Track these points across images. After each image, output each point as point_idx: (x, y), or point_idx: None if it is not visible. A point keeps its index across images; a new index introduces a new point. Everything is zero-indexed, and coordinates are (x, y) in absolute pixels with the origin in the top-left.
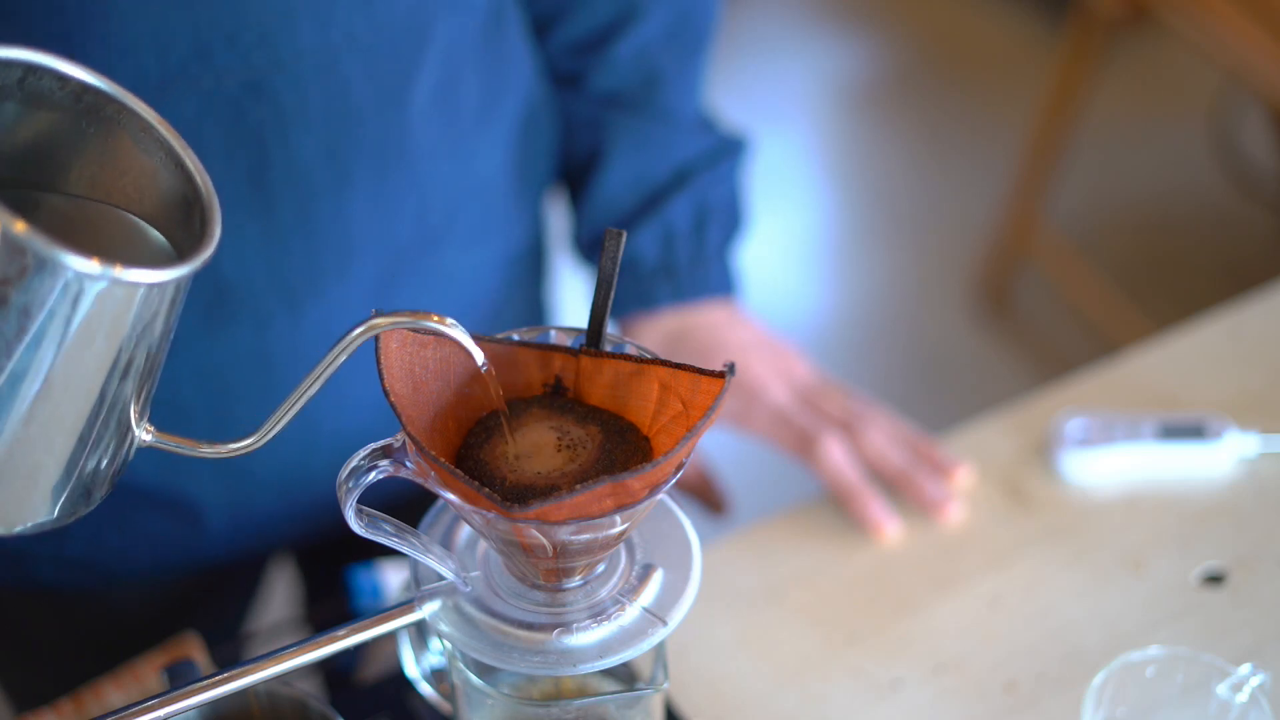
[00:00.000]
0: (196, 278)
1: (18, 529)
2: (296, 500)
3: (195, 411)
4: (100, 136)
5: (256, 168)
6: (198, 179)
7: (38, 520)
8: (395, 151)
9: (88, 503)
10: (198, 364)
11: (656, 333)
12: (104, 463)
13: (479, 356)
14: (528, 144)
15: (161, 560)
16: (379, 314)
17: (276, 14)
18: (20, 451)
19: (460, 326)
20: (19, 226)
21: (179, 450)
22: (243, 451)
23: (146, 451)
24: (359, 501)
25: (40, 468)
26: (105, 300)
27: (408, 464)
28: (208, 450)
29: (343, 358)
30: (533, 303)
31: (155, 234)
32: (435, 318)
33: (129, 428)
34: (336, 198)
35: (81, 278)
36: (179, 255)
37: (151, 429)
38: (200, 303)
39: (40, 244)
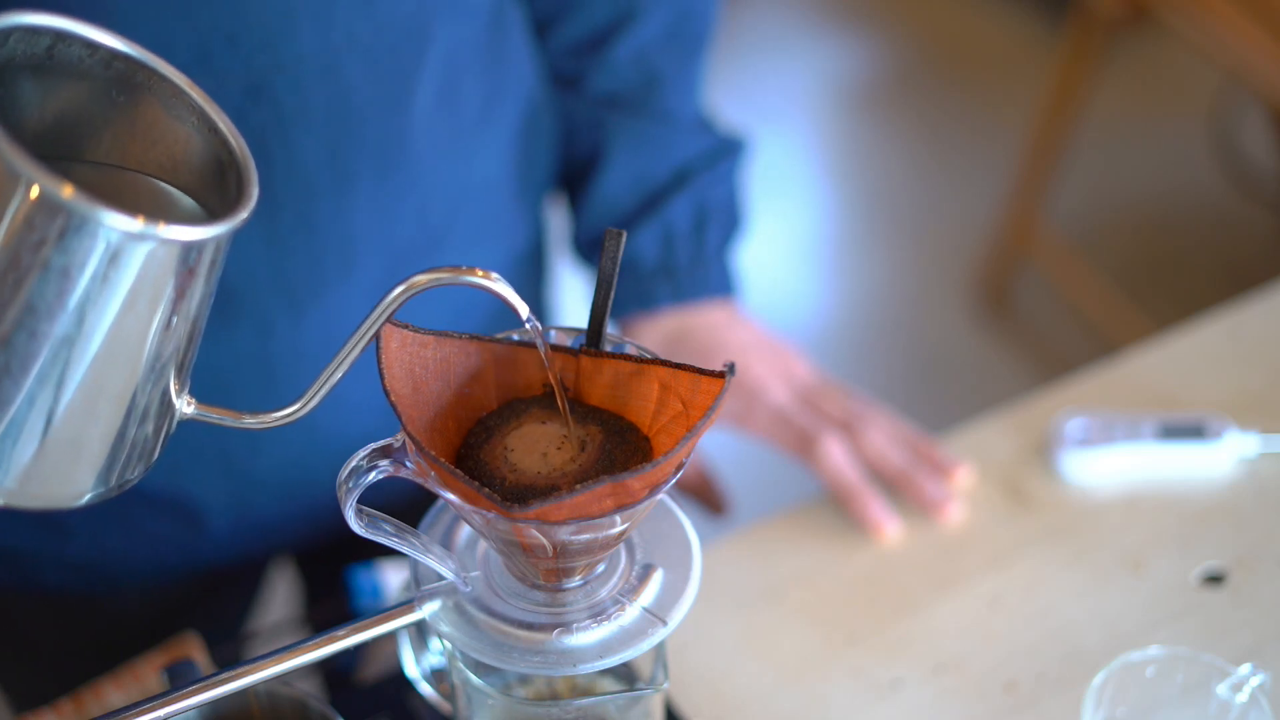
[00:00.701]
0: None
1: (68, 504)
2: (297, 502)
3: None
4: (130, 104)
5: (258, 170)
6: (232, 141)
7: (87, 494)
8: (397, 153)
9: (130, 476)
10: (200, 365)
11: (656, 333)
12: (148, 433)
13: (523, 311)
14: (529, 145)
15: (163, 562)
16: (418, 273)
17: (278, 17)
18: (66, 421)
19: (504, 281)
20: (67, 191)
21: (222, 422)
22: (288, 420)
23: (196, 423)
24: (359, 501)
25: (86, 439)
26: (149, 261)
27: (408, 464)
28: (250, 421)
29: (385, 318)
30: (534, 303)
31: (187, 200)
32: (480, 272)
33: (171, 398)
34: (338, 200)
35: (125, 237)
36: (211, 220)
37: (193, 401)
38: None
39: (84, 204)
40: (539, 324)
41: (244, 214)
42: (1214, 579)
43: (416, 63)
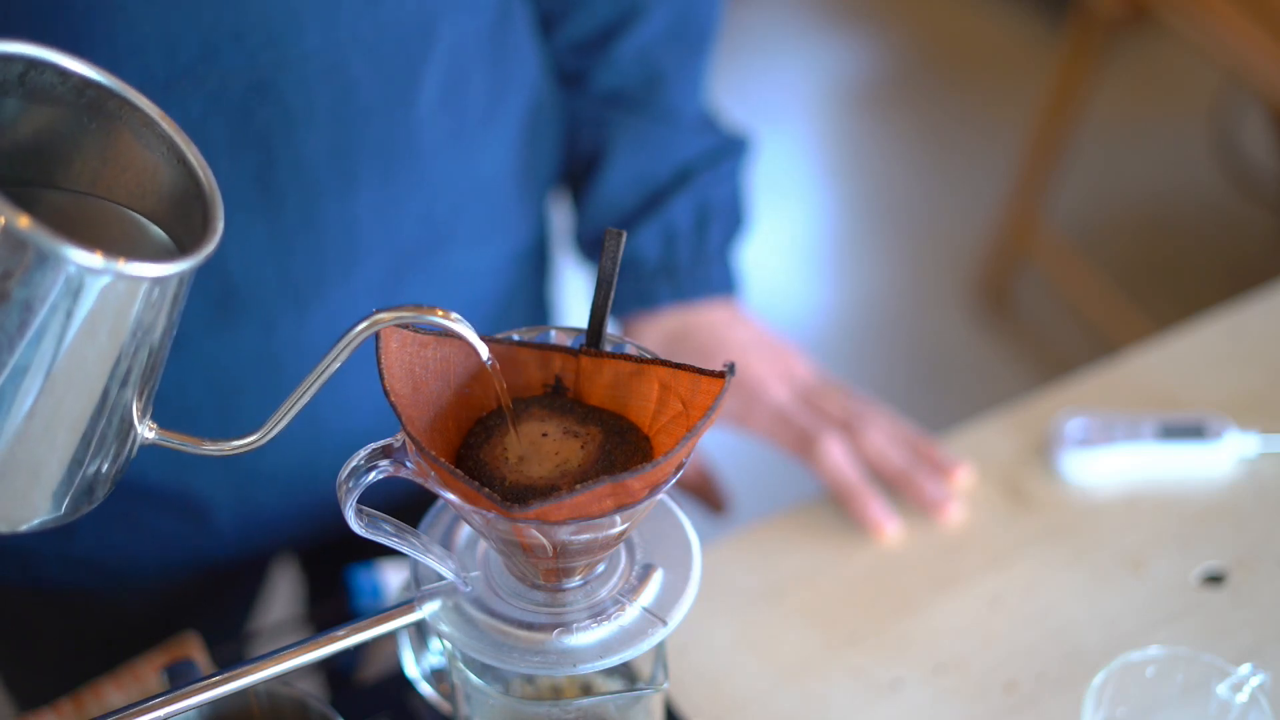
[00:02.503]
0: (203, 277)
1: (22, 527)
2: (302, 500)
3: (202, 411)
4: (101, 132)
5: (263, 167)
6: (200, 174)
7: (41, 518)
8: (402, 151)
9: (90, 500)
10: (204, 363)
11: (657, 332)
12: (107, 460)
13: (484, 352)
14: (533, 142)
15: (168, 559)
16: (381, 310)
17: (283, 14)
18: (23, 448)
19: (465, 322)
20: (22, 221)
21: (181, 448)
22: (245, 449)
23: (154, 450)
24: (359, 501)
25: (43, 465)
26: (108, 295)
27: (408, 464)
28: (210, 448)
29: (345, 354)
30: (537, 301)
31: (156, 230)
32: (440, 312)
33: (131, 425)
34: (343, 197)
35: (84, 271)
36: (181, 251)
37: (154, 426)
38: (207, 302)
39: (43, 237)
40: (498, 364)
41: (209, 248)
42: (1214, 579)
43: (421, 60)
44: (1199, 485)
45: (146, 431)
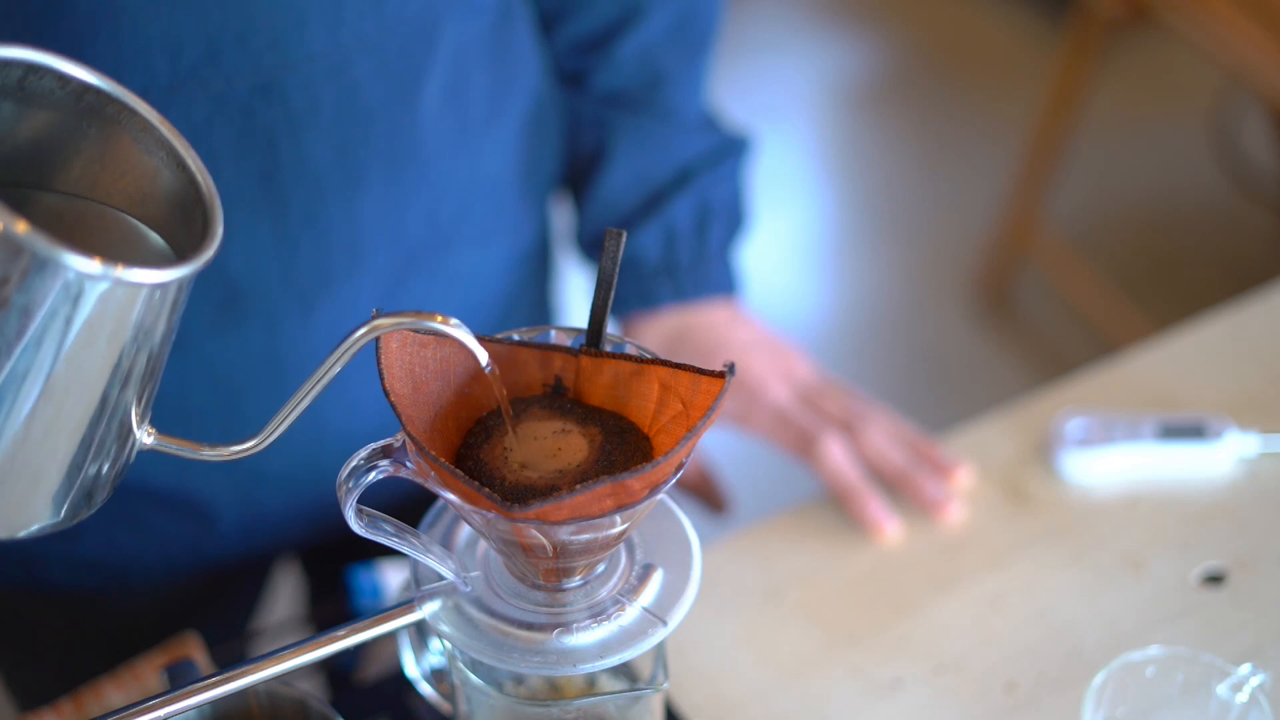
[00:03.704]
0: (206, 278)
1: (21, 533)
2: (304, 501)
3: (205, 412)
4: (100, 137)
5: (267, 169)
6: (199, 178)
7: (40, 523)
8: (405, 151)
9: (89, 506)
10: (208, 364)
11: (658, 332)
12: (105, 466)
13: (483, 357)
14: (535, 142)
15: (170, 560)
16: (381, 314)
17: (287, 16)
18: (22, 454)
19: (464, 326)
20: (20, 226)
21: (180, 453)
22: (245, 454)
23: (156, 452)
24: (359, 501)
25: (42, 471)
26: (107, 301)
27: (408, 464)
28: (209, 453)
29: (346, 359)
30: (540, 301)
31: (154, 236)
32: (439, 318)
33: (130, 430)
34: (347, 198)
35: (82, 278)
36: (179, 257)
37: (153, 431)
38: (211, 303)
39: (41, 243)
40: (497, 370)
41: (208, 254)
42: (1214, 579)
43: (425, 60)
44: (1199, 485)
45: (145, 437)
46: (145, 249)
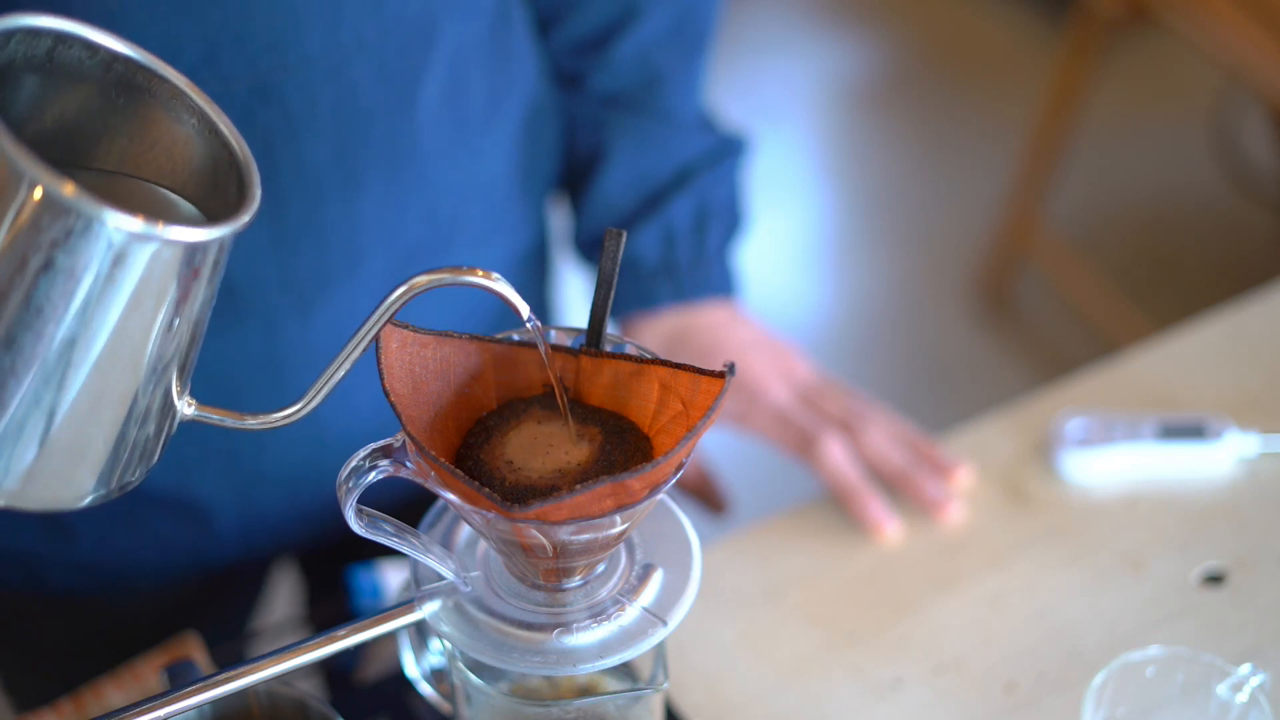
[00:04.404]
0: None
1: (75, 504)
2: (304, 502)
3: None
4: (130, 107)
5: (265, 171)
6: (233, 142)
7: (90, 495)
8: (404, 153)
9: (134, 476)
10: (207, 365)
11: (657, 332)
12: (149, 437)
13: (524, 310)
14: (533, 143)
15: (169, 562)
16: (418, 274)
17: (285, 18)
18: (69, 423)
19: (504, 280)
20: (68, 188)
21: (222, 423)
22: (289, 420)
23: (198, 424)
24: (359, 501)
25: (90, 440)
26: (152, 263)
27: (408, 464)
28: (252, 422)
29: (384, 321)
30: (538, 302)
31: (187, 205)
32: (480, 272)
33: (172, 401)
34: (345, 200)
35: (128, 237)
36: (212, 224)
37: (193, 402)
38: None
39: (87, 203)
40: (540, 324)
41: (247, 216)
42: (1214, 579)
43: (423, 62)
44: (1199, 485)
45: (186, 407)
46: (180, 218)
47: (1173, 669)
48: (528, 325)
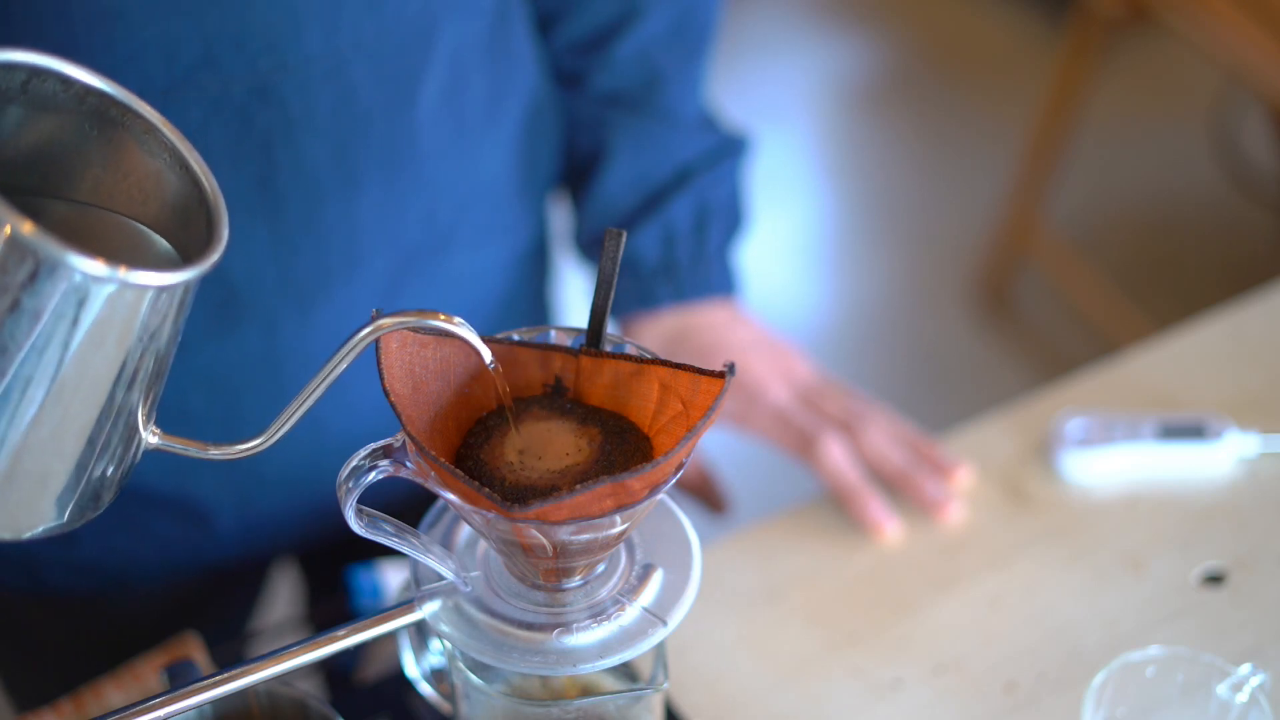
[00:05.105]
0: (205, 281)
1: (26, 534)
2: (304, 502)
3: (203, 415)
4: (104, 140)
5: (264, 172)
6: (204, 181)
7: (47, 525)
8: (403, 154)
9: (96, 507)
10: (206, 367)
11: (657, 332)
12: (111, 467)
13: (487, 355)
14: (532, 143)
15: (170, 563)
16: (383, 315)
17: (284, 19)
18: (30, 456)
19: (467, 325)
20: (27, 228)
21: (185, 452)
22: (249, 453)
23: (155, 455)
24: (359, 501)
25: (49, 472)
26: (113, 304)
27: (408, 464)
28: (215, 452)
29: (349, 359)
30: (538, 302)
31: (159, 239)
32: (442, 316)
33: (136, 431)
34: (345, 200)
35: (89, 280)
36: (184, 259)
37: (158, 431)
38: (209, 306)
39: (49, 245)
40: (500, 367)
41: (214, 257)
42: (1214, 579)
43: (422, 62)
44: (1199, 485)
45: (150, 437)
46: (151, 253)
47: (1173, 669)
48: (490, 369)
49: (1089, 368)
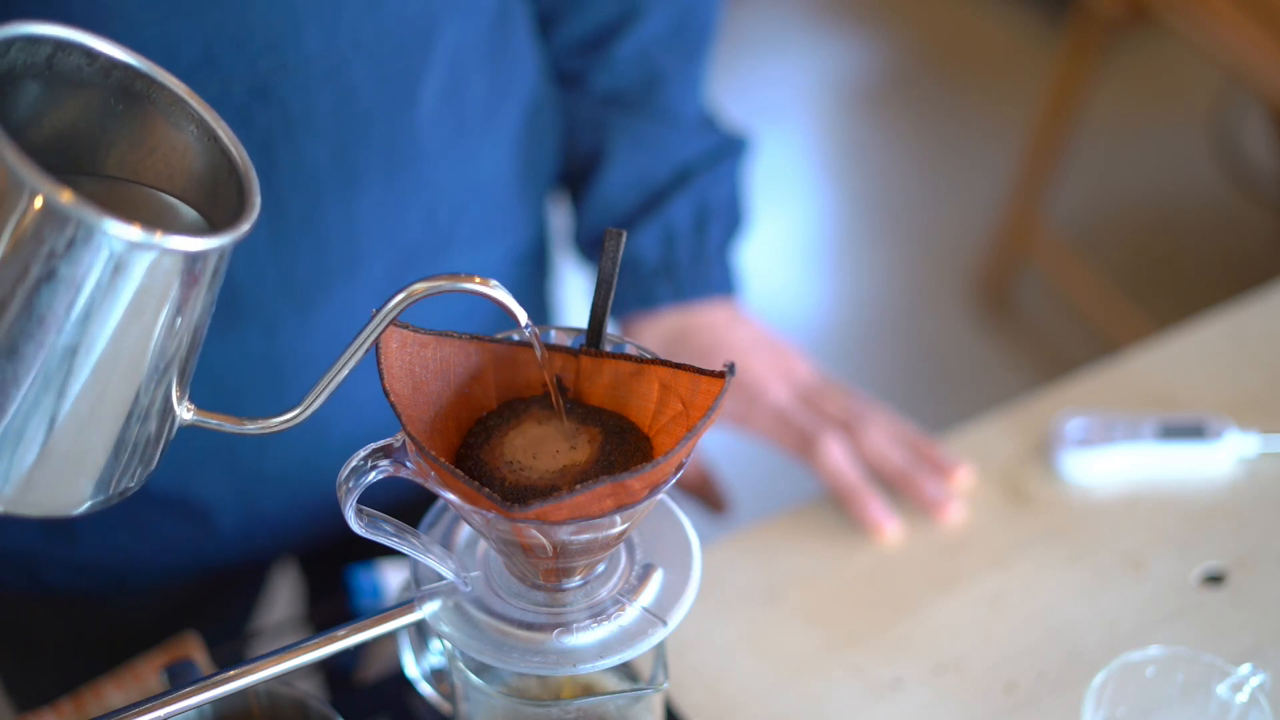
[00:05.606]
0: None
1: (72, 511)
2: (304, 502)
3: None
4: (129, 113)
5: (264, 172)
6: (233, 150)
7: (88, 501)
8: (403, 154)
9: (133, 481)
10: (207, 368)
11: (657, 332)
12: (148, 442)
13: (521, 316)
14: (532, 143)
15: (171, 562)
16: (418, 281)
17: (284, 19)
18: (69, 429)
19: (502, 287)
20: (65, 196)
21: (221, 427)
22: (287, 425)
23: (196, 429)
24: (359, 502)
25: (89, 447)
26: (151, 272)
27: (408, 464)
28: (251, 426)
29: (383, 327)
30: (538, 302)
31: (188, 210)
32: (477, 279)
33: (171, 406)
34: (345, 201)
35: (128, 246)
36: (213, 229)
37: (193, 407)
38: None
39: (88, 213)
40: (537, 329)
41: (247, 225)
42: (1214, 579)
43: (422, 62)
44: (1199, 485)
45: (185, 413)
46: (181, 225)
47: (1173, 669)
48: (525, 331)
49: (1089, 368)
